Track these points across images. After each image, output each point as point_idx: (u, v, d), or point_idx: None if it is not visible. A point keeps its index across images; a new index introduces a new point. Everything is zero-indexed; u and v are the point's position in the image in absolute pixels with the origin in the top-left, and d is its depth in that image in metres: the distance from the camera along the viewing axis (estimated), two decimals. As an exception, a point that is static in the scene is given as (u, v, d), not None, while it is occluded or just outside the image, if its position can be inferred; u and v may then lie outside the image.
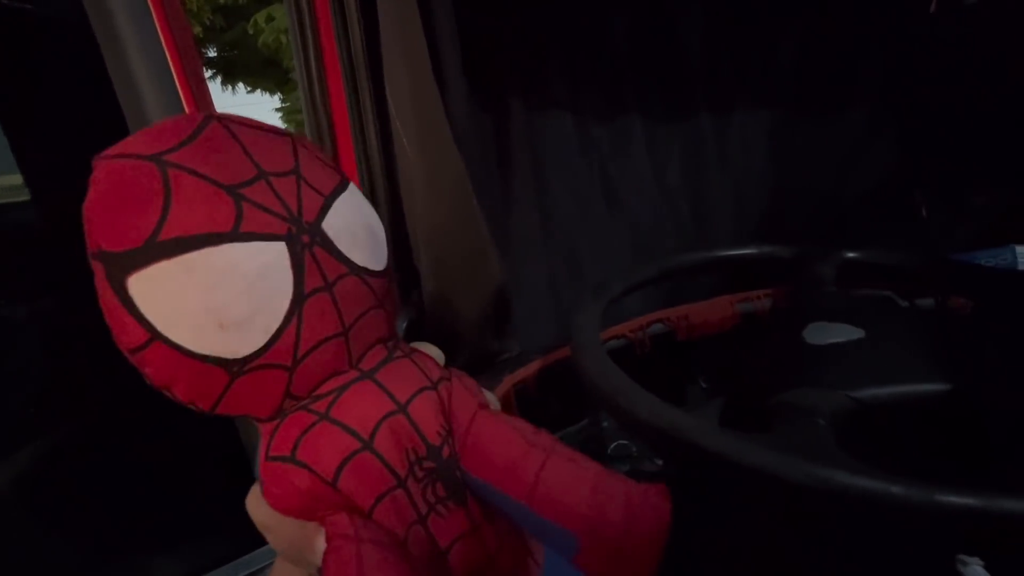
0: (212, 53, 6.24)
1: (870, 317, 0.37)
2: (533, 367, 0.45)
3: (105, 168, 0.17)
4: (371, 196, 0.46)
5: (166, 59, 0.39)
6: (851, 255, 0.47)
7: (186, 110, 0.41)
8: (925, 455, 0.29)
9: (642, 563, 0.19)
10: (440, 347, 0.47)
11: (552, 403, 0.46)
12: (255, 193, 0.18)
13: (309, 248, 0.19)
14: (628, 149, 0.73)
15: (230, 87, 6.75)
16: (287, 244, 0.18)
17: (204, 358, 0.17)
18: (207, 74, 6.55)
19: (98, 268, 0.17)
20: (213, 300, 0.17)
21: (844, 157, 0.78)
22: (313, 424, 0.20)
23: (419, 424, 0.21)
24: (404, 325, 0.47)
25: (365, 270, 0.21)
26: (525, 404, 0.45)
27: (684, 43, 0.71)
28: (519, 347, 0.54)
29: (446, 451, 0.22)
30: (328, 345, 0.20)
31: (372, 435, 0.20)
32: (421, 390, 0.22)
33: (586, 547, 0.20)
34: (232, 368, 0.18)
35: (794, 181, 0.80)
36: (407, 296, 0.49)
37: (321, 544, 0.19)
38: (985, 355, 0.32)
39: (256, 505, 0.20)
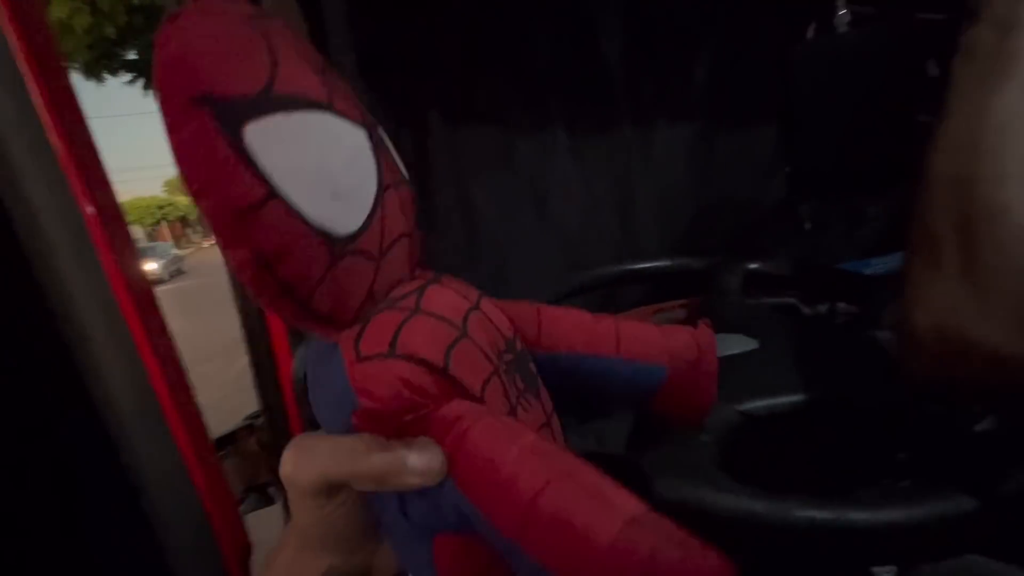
0: (133, 55, 5.85)
1: (766, 327, 0.38)
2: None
3: (198, 9, 0.16)
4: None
5: (14, 63, 0.35)
6: (752, 266, 0.49)
7: (44, 121, 0.37)
8: (813, 464, 0.30)
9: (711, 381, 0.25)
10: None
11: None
12: (335, 80, 0.19)
13: (379, 143, 0.20)
14: (555, 160, 0.74)
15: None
16: (367, 133, 0.19)
17: (316, 228, 0.16)
18: (126, 78, 6.13)
19: (202, 116, 0.15)
20: (327, 164, 0.17)
21: (760, 168, 0.82)
22: (407, 318, 0.19)
23: (493, 320, 0.22)
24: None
25: (409, 183, 0.22)
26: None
27: (605, 59, 0.72)
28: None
29: (518, 344, 0.23)
30: (401, 243, 0.21)
31: (464, 325, 0.20)
32: (480, 295, 0.23)
33: (672, 372, 0.24)
34: (336, 246, 0.17)
35: (716, 191, 0.83)
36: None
37: (419, 452, 0.17)
38: (862, 359, 0.34)
39: (315, 449, 0.18)
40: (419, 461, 0.17)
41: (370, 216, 0.18)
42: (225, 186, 0.15)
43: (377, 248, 0.19)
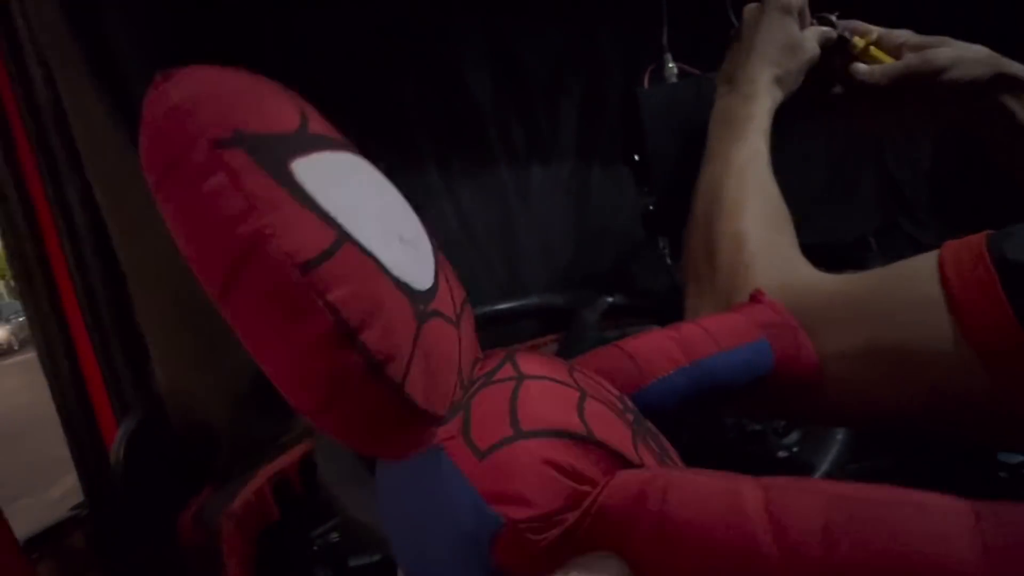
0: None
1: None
2: (296, 452, 0.40)
3: (195, 68, 0.13)
4: (78, 263, 0.39)
5: None
6: (610, 299, 0.51)
7: None
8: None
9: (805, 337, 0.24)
10: (193, 442, 0.40)
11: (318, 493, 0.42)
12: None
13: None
14: (430, 202, 0.74)
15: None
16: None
17: (398, 282, 0.13)
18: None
19: (235, 155, 0.11)
20: (386, 204, 0.14)
21: (632, 206, 0.88)
22: (516, 387, 0.14)
23: (595, 379, 0.19)
24: (133, 425, 0.39)
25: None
26: (287, 499, 0.39)
27: (475, 100, 0.74)
28: (306, 423, 0.49)
29: (628, 400, 0.20)
30: (467, 309, 0.17)
31: (576, 383, 0.16)
32: (570, 360, 0.19)
33: (772, 342, 0.24)
34: (419, 306, 0.13)
35: (593, 227, 0.87)
36: (140, 387, 0.41)
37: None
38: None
39: None
40: None
41: (436, 271, 0.15)
42: (283, 233, 0.11)
43: (452, 311, 0.15)
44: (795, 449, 0.40)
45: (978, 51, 0.39)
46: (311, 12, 0.59)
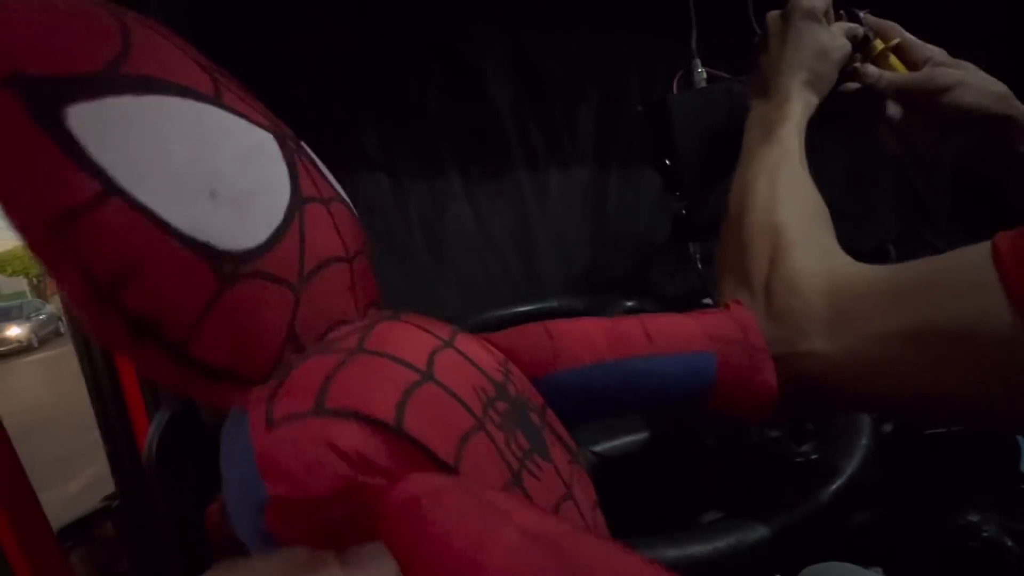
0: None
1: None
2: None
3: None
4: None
5: None
6: (630, 304, 0.51)
7: None
8: (657, 500, 0.31)
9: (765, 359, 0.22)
10: (219, 436, 0.41)
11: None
12: (229, 81, 0.15)
13: (297, 153, 0.16)
14: (449, 205, 0.75)
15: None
16: (275, 138, 0.15)
17: (187, 240, 0.12)
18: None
19: (6, 97, 0.11)
20: (204, 159, 0.13)
21: (651, 210, 0.88)
22: (343, 362, 0.14)
23: (474, 360, 0.17)
24: (167, 418, 0.40)
25: (349, 204, 0.18)
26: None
27: (495, 106, 0.75)
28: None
29: (512, 389, 0.18)
30: (335, 269, 0.16)
31: (428, 366, 0.15)
32: (454, 330, 0.18)
33: (722, 358, 0.22)
34: (224, 266, 0.13)
35: (612, 232, 0.88)
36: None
37: (357, 572, 0.12)
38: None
39: None
40: None
41: (279, 230, 0.14)
42: (37, 185, 0.11)
43: (294, 272, 0.15)
44: (813, 456, 0.40)
45: (993, 83, 0.38)
46: (338, 22, 0.60)
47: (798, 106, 0.37)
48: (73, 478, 2.91)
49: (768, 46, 0.40)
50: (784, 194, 0.33)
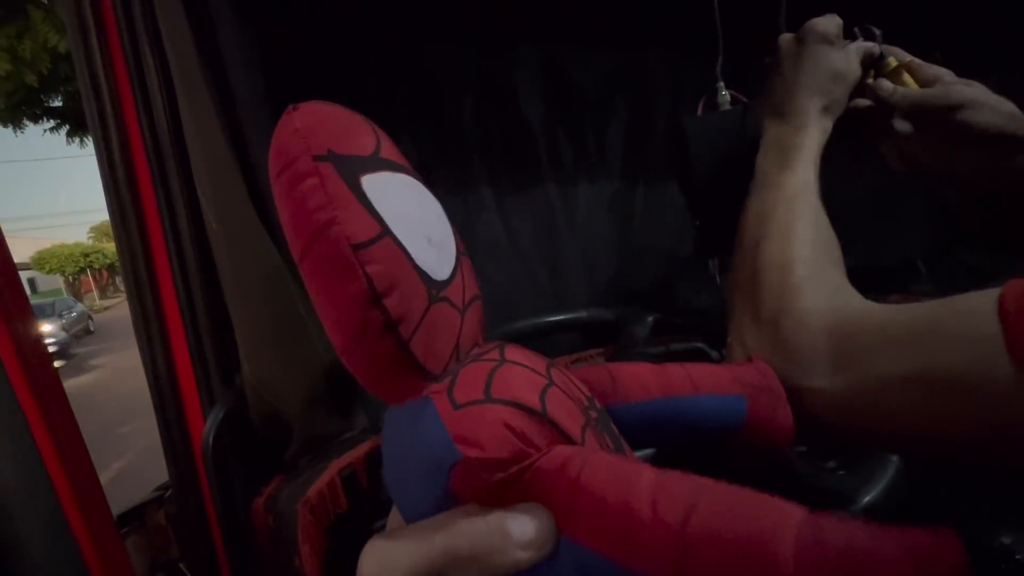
0: (58, 102, 5.60)
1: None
2: (362, 449, 0.44)
3: (313, 103, 0.18)
4: (181, 270, 0.44)
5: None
6: (656, 316, 0.52)
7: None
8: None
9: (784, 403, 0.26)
10: (268, 434, 0.44)
11: (382, 488, 0.45)
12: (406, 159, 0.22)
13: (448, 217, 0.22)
14: (480, 216, 0.77)
15: (78, 139, 6.05)
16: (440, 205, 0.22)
17: (418, 268, 0.18)
18: (49, 124, 5.82)
19: (326, 167, 0.17)
20: (425, 215, 0.19)
21: (675, 225, 0.89)
22: (496, 367, 0.19)
23: (570, 378, 0.22)
24: (221, 415, 0.43)
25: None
26: (354, 492, 0.43)
27: (527, 122, 0.78)
28: (367, 422, 0.52)
29: (598, 404, 0.23)
30: (476, 305, 0.22)
31: (548, 376, 0.20)
32: (550, 360, 0.23)
33: (751, 400, 0.26)
34: (432, 290, 0.18)
35: (637, 245, 0.89)
36: (227, 382, 0.45)
37: (524, 518, 0.16)
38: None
39: (397, 545, 0.16)
40: (526, 529, 0.15)
41: (454, 269, 0.20)
42: (345, 223, 0.16)
43: (461, 301, 0.20)
44: (840, 472, 0.41)
45: (1004, 102, 0.39)
46: (375, 38, 0.63)
47: (816, 133, 0.38)
48: (104, 469, 3.01)
49: (782, 68, 0.41)
50: (799, 228, 0.33)
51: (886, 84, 0.41)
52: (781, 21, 0.51)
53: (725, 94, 0.53)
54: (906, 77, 0.42)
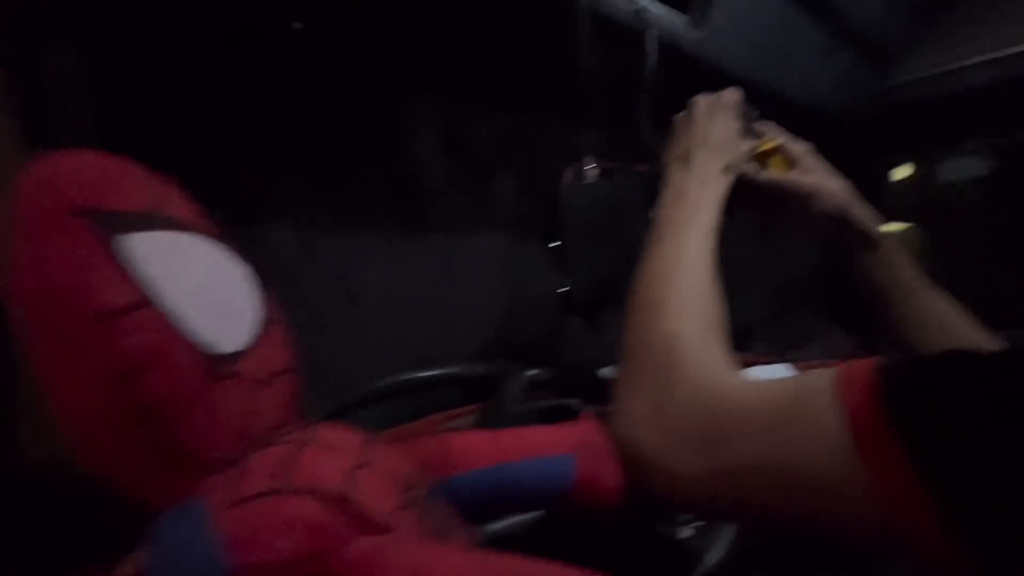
0: None
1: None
2: None
3: (85, 154, 0.16)
4: None
5: None
6: (530, 373, 0.53)
7: None
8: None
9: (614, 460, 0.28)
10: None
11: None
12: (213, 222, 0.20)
13: (258, 284, 0.20)
14: (364, 261, 0.74)
15: None
16: (252, 273, 0.20)
17: (193, 341, 0.15)
18: None
19: (78, 224, 0.14)
20: (215, 279, 0.17)
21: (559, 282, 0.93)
22: (296, 451, 0.17)
23: (393, 455, 0.21)
24: None
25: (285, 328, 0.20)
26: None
27: (419, 168, 0.77)
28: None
29: (426, 480, 0.22)
30: (283, 379, 0.19)
31: (363, 455, 0.19)
32: (373, 435, 0.21)
33: (580, 459, 0.27)
34: (216, 364, 0.16)
35: (522, 300, 0.91)
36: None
37: None
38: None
39: None
40: None
41: (254, 339, 0.18)
42: (92, 287, 0.14)
43: (261, 375, 0.18)
44: (690, 535, 0.42)
45: (840, 188, 0.48)
46: (249, 65, 0.60)
47: (718, 189, 0.41)
48: None
49: (695, 122, 0.45)
50: (693, 296, 0.34)
51: (754, 166, 0.48)
52: (644, 103, 0.57)
53: (594, 165, 0.58)
54: (774, 159, 0.49)
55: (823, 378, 0.25)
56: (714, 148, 0.43)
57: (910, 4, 0.92)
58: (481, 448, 0.27)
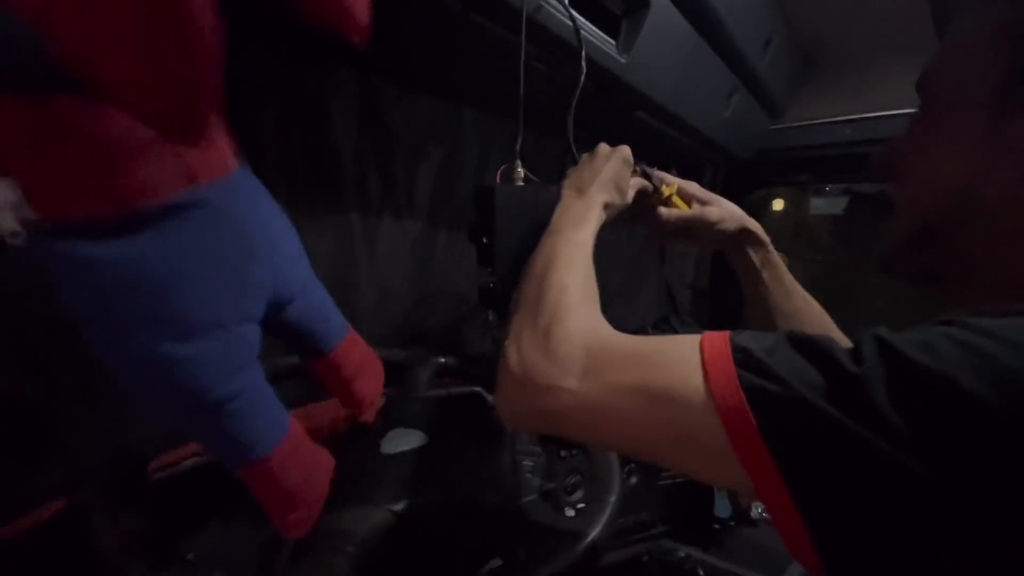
0: None
1: (440, 422, 0.43)
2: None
3: None
4: None
5: None
6: (442, 360, 0.55)
7: None
8: (454, 547, 0.34)
9: None
10: None
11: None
12: None
13: None
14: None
15: None
16: None
17: None
18: None
19: None
20: None
21: (471, 272, 0.95)
22: None
23: None
24: None
25: None
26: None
27: (337, 146, 0.75)
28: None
29: None
30: None
31: None
32: None
33: None
34: None
35: (433, 287, 0.91)
36: None
37: None
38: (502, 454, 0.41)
39: None
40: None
41: None
42: None
43: None
44: (580, 506, 0.48)
45: (735, 209, 0.61)
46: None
47: (596, 219, 0.50)
48: None
49: (593, 164, 0.54)
50: (579, 267, 0.43)
51: (663, 211, 0.60)
52: (569, 121, 0.61)
53: (521, 171, 0.61)
54: (675, 200, 0.61)
55: (693, 337, 0.32)
56: (603, 187, 0.52)
57: (789, 62, 1.06)
58: None
